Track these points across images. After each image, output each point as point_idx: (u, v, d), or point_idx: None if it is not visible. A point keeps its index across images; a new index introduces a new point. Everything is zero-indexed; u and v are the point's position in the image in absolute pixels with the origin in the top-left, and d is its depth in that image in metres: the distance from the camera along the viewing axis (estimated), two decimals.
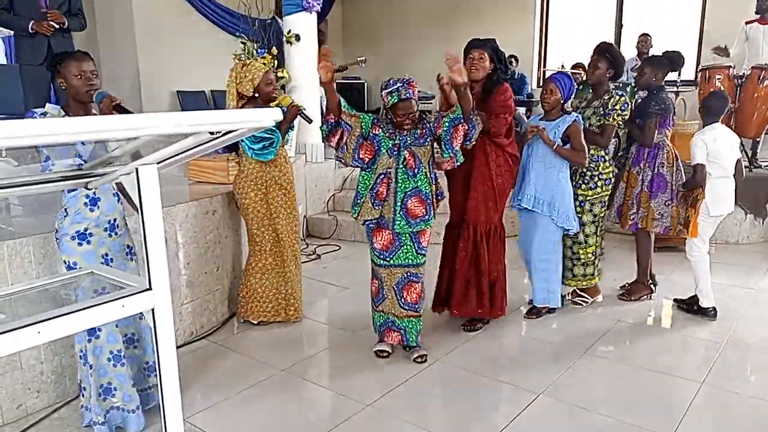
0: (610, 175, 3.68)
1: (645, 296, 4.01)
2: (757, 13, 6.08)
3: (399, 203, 2.89)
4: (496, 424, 2.56)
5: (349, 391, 2.82)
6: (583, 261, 3.74)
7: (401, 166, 2.89)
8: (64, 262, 2.38)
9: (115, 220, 2.47)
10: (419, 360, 3.06)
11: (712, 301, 3.69)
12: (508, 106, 3.21)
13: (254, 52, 5.31)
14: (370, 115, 2.99)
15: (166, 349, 1.55)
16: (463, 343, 3.35)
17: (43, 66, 4.48)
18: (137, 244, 2.57)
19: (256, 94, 3.33)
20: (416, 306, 3.06)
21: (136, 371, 2.60)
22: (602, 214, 3.76)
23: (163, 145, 1.46)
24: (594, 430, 2.55)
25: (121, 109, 2.38)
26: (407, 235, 2.97)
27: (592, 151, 3.59)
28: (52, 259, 2.64)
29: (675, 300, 3.90)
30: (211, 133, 1.37)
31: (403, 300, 3.04)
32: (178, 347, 1.59)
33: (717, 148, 3.52)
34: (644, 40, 6.72)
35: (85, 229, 2.38)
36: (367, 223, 2.97)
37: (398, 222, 2.90)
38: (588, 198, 3.64)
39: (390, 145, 2.91)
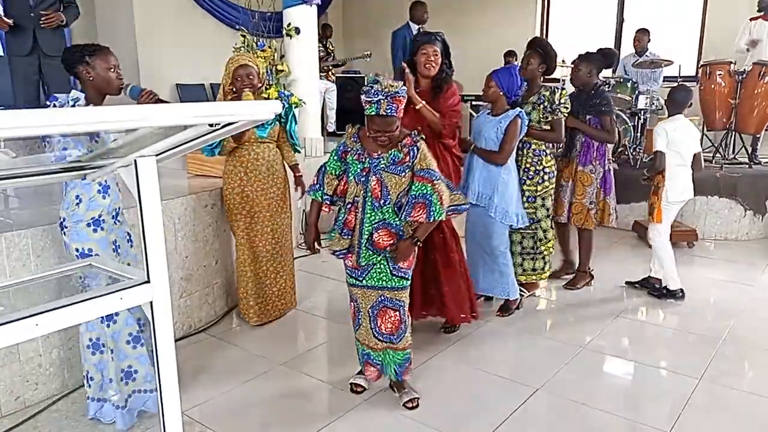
0: (553, 168, 3.73)
1: (587, 283, 4.19)
2: (759, 10, 6.06)
3: (366, 235, 2.53)
4: (494, 419, 2.56)
5: (347, 385, 2.82)
6: (542, 256, 3.78)
7: (368, 194, 2.51)
8: (76, 250, 2.39)
9: (119, 208, 2.52)
10: (409, 405, 2.65)
11: (678, 284, 3.88)
12: (458, 110, 3.20)
13: (254, 45, 5.29)
14: (335, 149, 2.63)
15: (164, 341, 1.54)
16: (461, 338, 3.35)
17: (30, 57, 4.49)
18: (135, 236, 2.58)
19: (234, 88, 3.27)
20: (393, 337, 2.62)
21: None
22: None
23: (161, 137, 1.45)
24: (592, 425, 2.55)
25: (162, 103, 2.42)
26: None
27: (533, 146, 3.63)
28: (51, 252, 2.64)
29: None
30: (211, 125, 1.36)
31: (377, 329, 2.63)
32: (176, 340, 1.59)
33: (677, 138, 3.69)
34: (640, 36, 6.69)
35: (99, 216, 2.41)
36: (336, 253, 2.64)
37: (363, 254, 2.55)
38: (538, 193, 3.67)
39: (358, 170, 2.52)
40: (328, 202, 2.67)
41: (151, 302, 1.52)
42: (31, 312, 1.32)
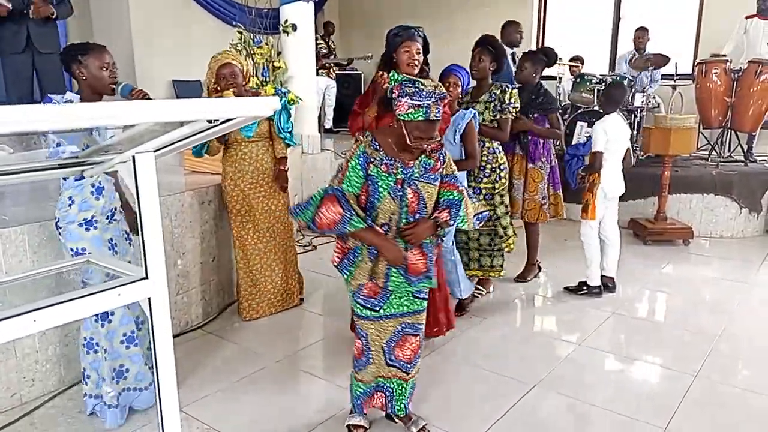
0: (506, 164, 3.74)
1: (536, 275, 4.30)
2: (758, 11, 6.07)
3: None
4: (491, 415, 2.57)
5: (344, 382, 2.81)
6: (501, 253, 3.78)
7: (404, 209, 2.20)
8: (71, 250, 2.39)
9: (115, 208, 2.52)
10: None
11: (598, 281, 3.92)
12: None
13: (251, 41, 5.28)
14: (357, 162, 2.16)
15: (162, 338, 1.54)
16: (455, 336, 3.36)
17: (24, 55, 4.46)
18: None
19: (218, 87, 3.28)
20: (408, 365, 2.37)
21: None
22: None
23: (159, 133, 1.45)
24: (589, 421, 2.57)
25: None
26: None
27: (487, 144, 3.60)
28: (48, 248, 2.63)
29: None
30: (209, 122, 1.36)
31: (395, 359, 2.36)
32: (173, 337, 1.59)
33: (614, 137, 3.72)
34: (641, 35, 6.70)
35: (92, 217, 2.42)
36: (360, 287, 2.27)
37: (393, 279, 2.23)
38: (496, 191, 3.67)
39: (391, 183, 2.17)
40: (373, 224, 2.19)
41: (149, 299, 1.52)
42: (29, 308, 1.32)
